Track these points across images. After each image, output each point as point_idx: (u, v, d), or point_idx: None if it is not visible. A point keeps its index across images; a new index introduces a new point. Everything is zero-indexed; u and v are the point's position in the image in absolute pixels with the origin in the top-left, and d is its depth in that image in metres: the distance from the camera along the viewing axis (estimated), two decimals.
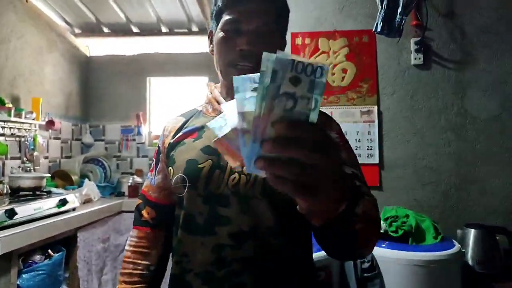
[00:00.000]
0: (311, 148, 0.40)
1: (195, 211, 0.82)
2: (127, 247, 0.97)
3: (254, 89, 0.42)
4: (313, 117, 0.41)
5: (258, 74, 0.40)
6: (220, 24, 0.84)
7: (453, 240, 1.73)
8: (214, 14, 0.88)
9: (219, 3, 0.85)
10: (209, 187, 0.81)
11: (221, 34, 0.84)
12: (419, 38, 2.05)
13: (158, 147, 0.98)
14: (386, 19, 1.53)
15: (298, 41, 2.15)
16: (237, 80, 0.43)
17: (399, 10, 1.50)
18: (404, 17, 1.49)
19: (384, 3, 1.55)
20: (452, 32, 2.10)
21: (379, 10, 1.58)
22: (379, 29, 1.56)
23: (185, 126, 0.94)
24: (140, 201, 1.00)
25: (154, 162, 1.00)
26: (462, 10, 2.10)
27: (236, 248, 0.77)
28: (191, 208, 0.82)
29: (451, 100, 2.09)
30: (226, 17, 0.83)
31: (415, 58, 2.07)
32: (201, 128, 0.90)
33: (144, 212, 0.98)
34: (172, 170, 0.88)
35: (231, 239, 0.77)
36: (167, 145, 0.94)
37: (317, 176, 0.42)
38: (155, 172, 0.98)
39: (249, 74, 0.88)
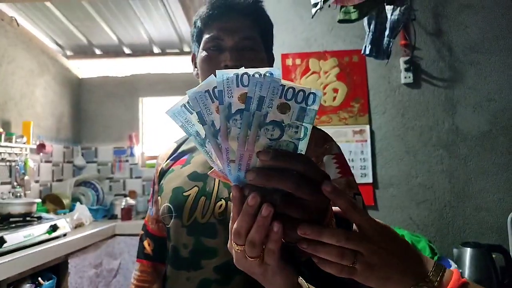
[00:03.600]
0: (298, 181, 0.38)
1: (180, 243, 0.76)
2: (132, 280, 0.94)
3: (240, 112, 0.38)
4: (302, 147, 0.39)
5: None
6: (202, 43, 0.82)
7: (449, 260, 1.72)
8: (194, 36, 0.86)
9: (199, 23, 0.83)
10: (194, 216, 0.76)
11: (203, 53, 0.81)
12: (408, 58, 2.08)
13: (154, 176, 0.95)
14: (374, 42, 1.56)
15: (289, 62, 2.17)
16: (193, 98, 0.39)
17: (387, 33, 1.52)
18: (391, 39, 1.52)
19: (371, 26, 1.58)
20: (440, 50, 2.13)
21: (367, 33, 1.60)
22: (367, 52, 1.58)
23: (177, 152, 0.91)
24: (142, 232, 0.96)
25: (151, 191, 0.96)
26: (448, 29, 2.14)
27: (224, 284, 0.70)
28: (176, 240, 0.77)
29: (441, 118, 2.11)
30: (206, 35, 0.81)
31: (405, 77, 2.09)
32: (190, 153, 0.87)
33: (145, 243, 0.94)
34: (160, 200, 0.84)
35: (217, 274, 0.71)
36: (158, 174, 0.91)
37: (302, 211, 0.39)
38: (152, 202, 0.94)
39: None
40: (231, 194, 0.75)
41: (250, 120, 0.38)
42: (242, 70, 0.37)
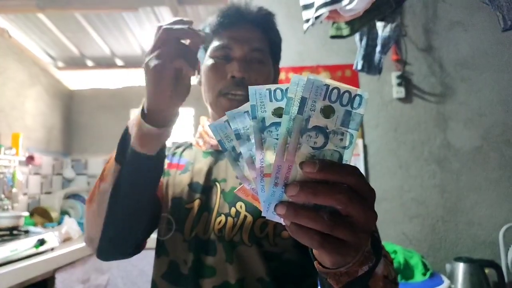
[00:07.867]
0: (350, 196, 0.33)
1: (180, 259, 0.72)
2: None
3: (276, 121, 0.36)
4: (347, 157, 0.35)
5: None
6: (209, 51, 0.79)
7: (442, 276, 1.71)
8: None
9: (207, 30, 0.81)
10: (195, 231, 0.72)
11: (210, 61, 0.78)
12: (399, 73, 2.10)
13: None
14: (366, 57, 1.57)
15: (282, 76, 2.17)
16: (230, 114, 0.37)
17: (378, 49, 1.53)
18: (382, 55, 1.53)
19: (363, 42, 1.59)
20: (431, 66, 2.16)
21: (359, 48, 1.62)
22: (359, 67, 1.60)
23: (173, 151, 0.87)
24: None
25: None
26: (439, 45, 2.17)
27: None
28: (175, 255, 0.73)
29: (433, 133, 2.12)
30: (215, 43, 0.78)
31: (397, 92, 2.11)
32: (187, 159, 0.83)
33: None
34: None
35: None
36: None
37: (350, 231, 0.34)
38: None
39: (242, 103, 0.83)
40: (231, 210, 0.72)
41: (290, 126, 0.33)
42: (274, 85, 0.34)
